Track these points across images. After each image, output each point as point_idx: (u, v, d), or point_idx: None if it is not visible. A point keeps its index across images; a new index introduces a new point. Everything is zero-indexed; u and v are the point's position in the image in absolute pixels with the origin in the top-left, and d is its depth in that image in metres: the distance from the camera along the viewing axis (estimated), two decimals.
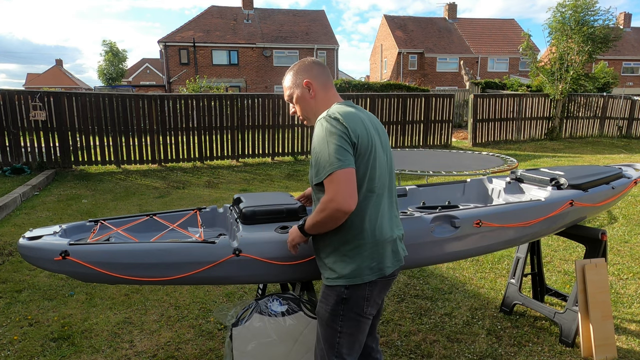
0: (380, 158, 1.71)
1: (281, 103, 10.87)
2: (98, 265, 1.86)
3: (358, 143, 1.63)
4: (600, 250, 2.92)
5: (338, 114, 1.65)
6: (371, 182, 1.66)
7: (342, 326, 1.72)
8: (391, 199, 1.77)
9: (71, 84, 48.16)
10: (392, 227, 1.74)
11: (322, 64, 1.89)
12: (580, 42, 13.61)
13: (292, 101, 1.92)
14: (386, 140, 1.82)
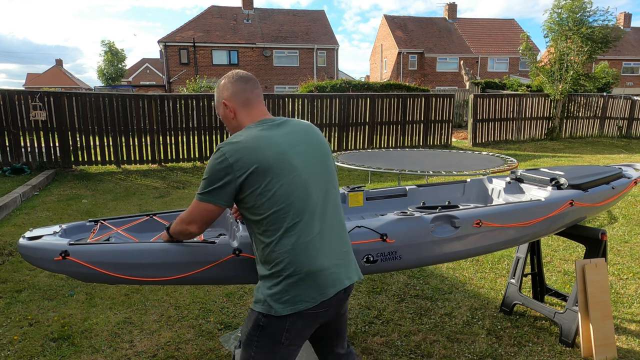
0: (298, 182, 1.55)
1: (281, 103, 10.88)
2: (98, 265, 1.86)
3: (246, 176, 1.52)
4: (600, 250, 2.92)
5: (228, 144, 1.57)
6: (281, 211, 1.53)
7: (255, 352, 1.59)
8: (322, 223, 1.59)
9: (71, 83, 48.17)
10: (319, 256, 1.56)
11: (245, 78, 1.73)
12: (579, 43, 13.61)
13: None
14: (320, 157, 1.66)
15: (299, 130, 1.66)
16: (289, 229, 1.53)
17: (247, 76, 1.74)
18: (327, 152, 1.72)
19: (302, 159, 1.60)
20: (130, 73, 44.55)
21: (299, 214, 1.54)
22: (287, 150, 1.57)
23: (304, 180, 1.57)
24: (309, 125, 1.73)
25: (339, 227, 1.66)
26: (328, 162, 1.70)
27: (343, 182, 8.58)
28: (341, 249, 1.64)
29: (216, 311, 3.37)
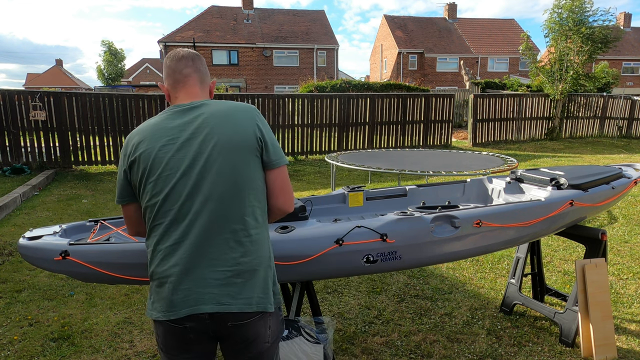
0: (169, 182, 1.38)
1: (281, 103, 10.88)
2: (98, 265, 1.86)
3: (134, 167, 1.42)
4: (600, 250, 2.92)
5: (132, 131, 1.51)
6: (148, 209, 1.42)
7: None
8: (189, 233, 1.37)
9: (71, 83, 48.17)
10: (173, 268, 1.37)
11: (178, 57, 1.54)
12: (579, 43, 13.61)
13: None
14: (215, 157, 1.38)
15: (204, 121, 1.42)
16: (152, 230, 1.42)
17: (180, 55, 1.55)
18: (235, 147, 1.40)
19: (185, 156, 1.38)
20: (130, 73, 44.55)
21: (162, 216, 1.39)
22: (167, 145, 1.39)
23: (177, 181, 1.37)
24: (228, 114, 1.44)
25: (222, 244, 1.37)
26: (230, 164, 1.39)
27: (343, 182, 8.58)
28: (219, 268, 1.36)
29: None
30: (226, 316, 1.37)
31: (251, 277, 1.39)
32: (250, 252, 1.39)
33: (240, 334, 1.41)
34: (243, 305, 1.37)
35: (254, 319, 1.40)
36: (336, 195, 2.83)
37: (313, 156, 11.44)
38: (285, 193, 1.51)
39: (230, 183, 1.38)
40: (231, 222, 1.38)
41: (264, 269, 1.43)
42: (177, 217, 1.37)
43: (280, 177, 1.48)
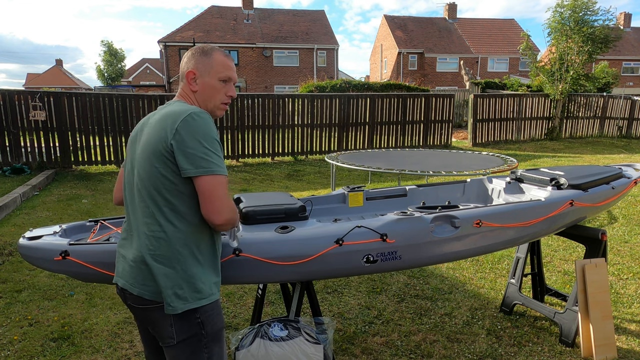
0: (127, 171, 1.64)
1: (281, 103, 10.87)
2: (98, 265, 1.86)
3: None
4: (600, 250, 2.92)
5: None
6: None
7: None
8: (132, 218, 1.60)
9: (71, 83, 48.18)
10: (122, 242, 1.64)
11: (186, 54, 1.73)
12: (579, 42, 13.61)
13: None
14: (139, 154, 1.55)
15: (153, 118, 1.59)
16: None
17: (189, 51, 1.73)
18: (149, 150, 1.51)
19: (135, 151, 1.60)
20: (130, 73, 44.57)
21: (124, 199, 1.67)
22: (131, 139, 1.67)
23: (128, 172, 1.63)
24: (163, 114, 1.55)
25: (140, 233, 1.54)
26: (144, 162, 1.52)
27: (343, 182, 8.58)
28: (134, 252, 1.55)
29: None
30: (129, 295, 1.57)
31: (153, 270, 1.50)
32: (156, 248, 1.50)
33: (141, 316, 1.61)
34: (141, 291, 1.53)
35: (149, 307, 1.54)
36: (336, 195, 2.84)
37: (313, 156, 11.43)
38: (208, 203, 1.47)
39: (144, 183, 1.52)
40: (145, 216, 1.53)
41: (168, 268, 1.50)
42: (127, 204, 1.64)
43: (202, 186, 1.46)
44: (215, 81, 1.63)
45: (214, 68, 1.63)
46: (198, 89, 1.63)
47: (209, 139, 1.46)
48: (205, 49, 1.67)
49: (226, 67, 1.65)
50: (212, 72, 1.63)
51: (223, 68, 1.64)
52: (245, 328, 2.16)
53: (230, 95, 1.67)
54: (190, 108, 1.50)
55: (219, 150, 1.50)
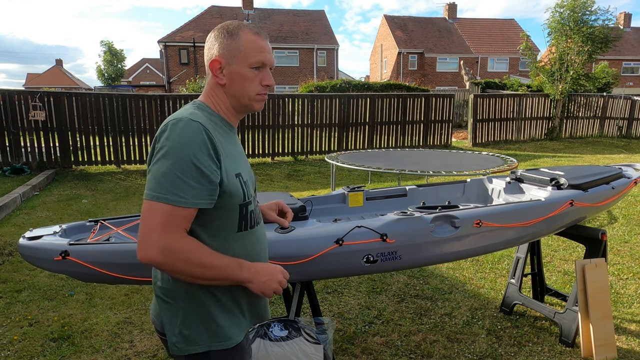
0: None
1: (281, 103, 10.87)
2: (98, 265, 1.86)
3: None
4: (600, 250, 2.92)
5: None
6: None
7: None
8: None
9: (71, 83, 48.17)
10: None
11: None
12: (579, 42, 13.61)
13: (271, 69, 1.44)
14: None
15: None
16: None
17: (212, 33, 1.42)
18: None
19: None
20: (130, 73, 44.56)
21: None
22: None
23: None
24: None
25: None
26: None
27: (343, 182, 8.58)
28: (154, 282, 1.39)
29: None
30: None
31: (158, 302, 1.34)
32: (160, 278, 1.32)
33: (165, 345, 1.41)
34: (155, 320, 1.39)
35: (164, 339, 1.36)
36: (336, 195, 2.83)
37: (313, 156, 11.43)
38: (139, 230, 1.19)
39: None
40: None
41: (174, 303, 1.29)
42: None
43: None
44: (245, 69, 1.29)
45: (243, 52, 1.29)
46: (226, 81, 1.31)
47: (171, 156, 1.15)
48: (230, 28, 1.31)
49: (258, 49, 1.30)
50: (240, 57, 1.29)
51: (254, 51, 1.29)
52: None
53: (267, 84, 1.33)
54: (181, 113, 1.23)
55: (181, 171, 1.14)
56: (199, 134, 1.18)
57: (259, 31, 1.34)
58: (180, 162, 1.14)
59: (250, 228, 1.34)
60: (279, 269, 1.34)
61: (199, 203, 1.17)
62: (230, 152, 1.29)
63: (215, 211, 1.24)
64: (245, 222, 1.32)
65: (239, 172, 1.29)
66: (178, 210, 1.15)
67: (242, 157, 1.39)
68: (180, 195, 1.14)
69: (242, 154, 1.40)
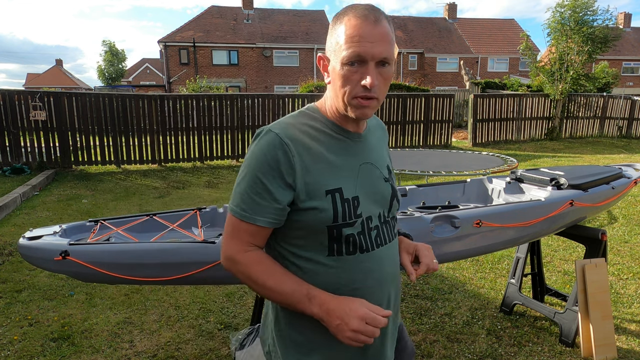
0: None
1: (281, 103, 10.87)
2: (98, 265, 1.86)
3: None
4: (600, 250, 2.92)
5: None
6: None
7: None
8: None
9: (71, 84, 48.17)
10: None
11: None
12: (579, 42, 13.61)
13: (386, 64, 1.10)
14: None
15: None
16: None
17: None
18: None
19: None
20: (130, 73, 44.56)
21: None
22: None
23: None
24: None
25: None
26: None
27: None
28: None
29: (216, 311, 3.37)
30: None
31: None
32: None
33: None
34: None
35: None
36: None
37: None
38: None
39: None
40: None
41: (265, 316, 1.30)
42: None
43: None
44: (338, 65, 1.07)
45: (339, 44, 1.07)
46: (331, 79, 1.13)
47: (245, 167, 1.11)
48: (338, 14, 1.10)
49: (354, 39, 1.04)
50: (337, 51, 1.08)
51: (350, 41, 1.04)
52: (245, 328, 2.16)
53: (365, 84, 1.05)
54: (276, 122, 1.14)
55: (249, 186, 1.09)
56: (272, 147, 1.07)
57: (368, 13, 1.05)
58: (250, 175, 1.09)
59: (349, 254, 1.13)
60: (361, 312, 1.04)
61: (260, 220, 1.09)
62: (329, 162, 1.11)
63: (296, 231, 1.13)
64: (339, 245, 1.12)
65: (338, 187, 1.10)
66: (241, 223, 1.11)
67: (354, 169, 1.15)
68: (243, 209, 1.10)
69: (358, 165, 1.17)
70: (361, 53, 1.04)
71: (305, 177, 1.08)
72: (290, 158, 1.07)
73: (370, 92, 1.08)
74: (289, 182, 1.07)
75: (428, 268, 1.24)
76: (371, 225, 1.15)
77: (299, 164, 1.08)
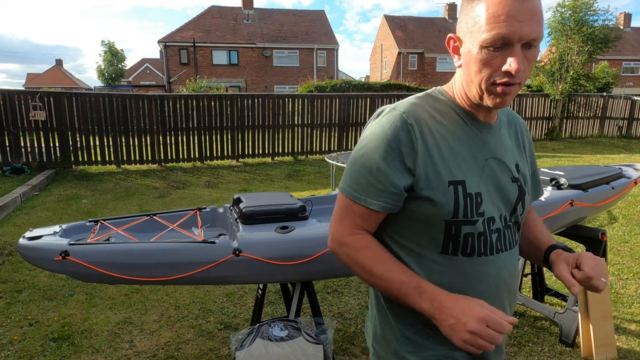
0: None
1: (281, 103, 10.87)
2: (98, 265, 1.86)
3: None
4: (600, 250, 2.92)
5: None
6: None
7: None
8: None
9: (71, 84, 48.17)
10: None
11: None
12: (580, 42, 13.62)
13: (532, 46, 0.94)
14: None
15: None
16: None
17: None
18: None
19: None
20: (130, 73, 44.55)
21: None
22: None
23: None
24: None
25: None
26: None
27: None
28: None
29: (216, 311, 3.37)
30: None
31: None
32: None
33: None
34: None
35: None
36: (336, 195, 2.83)
37: (313, 156, 11.43)
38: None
39: None
40: None
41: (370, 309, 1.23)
42: None
43: None
44: (475, 48, 0.94)
45: (477, 24, 0.93)
46: (462, 62, 1.01)
47: (362, 147, 1.03)
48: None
49: (498, 18, 0.90)
50: (475, 32, 0.94)
51: (493, 20, 0.90)
52: (245, 328, 2.16)
53: (510, 69, 0.91)
54: (400, 102, 1.06)
55: (363, 165, 1.01)
56: (394, 126, 0.99)
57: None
58: (366, 155, 1.01)
59: (466, 255, 1.03)
60: (481, 314, 0.92)
61: (373, 204, 1.01)
62: (454, 151, 1.01)
63: (408, 220, 1.04)
64: (455, 244, 1.02)
65: (461, 180, 1.00)
66: (353, 205, 1.03)
67: (479, 162, 1.03)
68: (356, 189, 1.02)
69: (485, 159, 1.04)
70: (507, 35, 0.90)
71: (427, 163, 0.98)
72: (414, 140, 0.98)
73: (514, 78, 0.93)
74: (408, 166, 0.98)
75: (587, 277, 1.02)
76: (492, 227, 1.04)
77: (422, 148, 0.98)
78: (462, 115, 1.05)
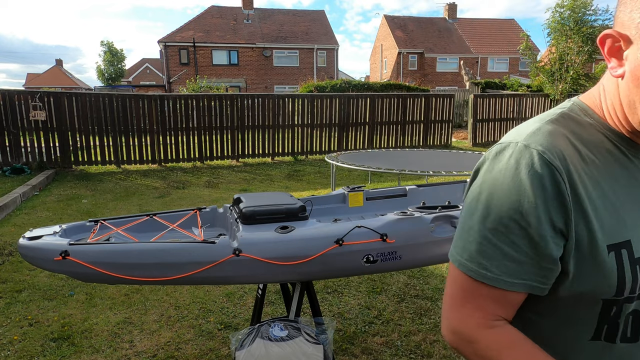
0: None
1: (281, 103, 10.87)
2: (98, 265, 1.86)
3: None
4: None
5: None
6: None
7: None
8: None
9: (71, 83, 48.17)
10: None
11: None
12: (579, 42, 13.62)
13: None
14: None
15: None
16: None
17: None
18: None
19: None
20: (130, 73, 44.58)
21: None
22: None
23: None
24: None
25: None
26: None
27: (343, 182, 8.58)
28: None
29: (216, 311, 3.37)
30: None
31: None
32: None
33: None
34: None
35: None
36: (336, 195, 2.84)
37: (313, 156, 11.44)
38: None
39: None
40: None
41: None
42: None
43: None
44: None
45: None
46: (625, 72, 0.69)
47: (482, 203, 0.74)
48: None
49: None
50: None
51: None
52: (245, 328, 2.16)
53: None
54: (519, 131, 0.77)
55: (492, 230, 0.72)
56: (533, 172, 0.70)
57: None
58: (494, 215, 0.72)
59: (625, 341, 0.76)
60: None
61: (516, 284, 0.73)
62: (612, 198, 0.72)
63: (548, 298, 0.76)
64: (613, 328, 0.75)
65: (624, 241, 0.71)
66: (480, 286, 0.74)
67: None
68: (483, 265, 0.73)
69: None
70: None
71: (579, 222, 0.70)
72: (564, 190, 0.69)
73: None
74: (558, 227, 0.70)
75: None
76: None
77: (573, 200, 0.70)
78: (618, 144, 0.74)
